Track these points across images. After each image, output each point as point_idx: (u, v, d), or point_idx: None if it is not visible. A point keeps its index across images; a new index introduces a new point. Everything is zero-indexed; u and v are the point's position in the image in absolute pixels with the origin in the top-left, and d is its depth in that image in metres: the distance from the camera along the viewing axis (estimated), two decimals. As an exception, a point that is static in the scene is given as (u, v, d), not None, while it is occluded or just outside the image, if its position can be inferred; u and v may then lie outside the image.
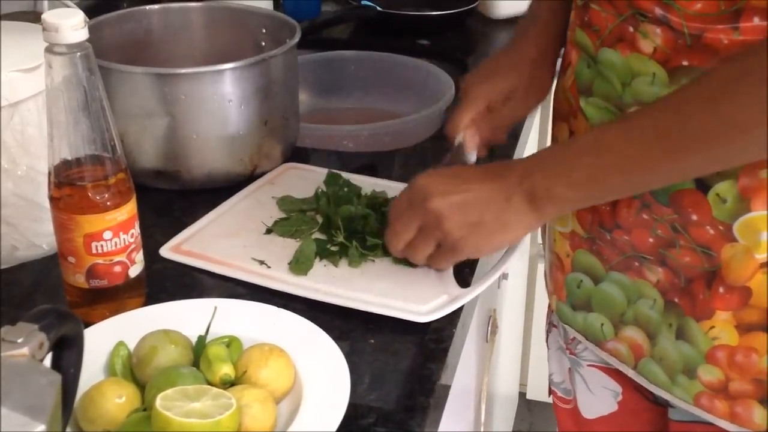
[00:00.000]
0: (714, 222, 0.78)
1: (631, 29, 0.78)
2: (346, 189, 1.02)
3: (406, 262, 0.90)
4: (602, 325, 0.90)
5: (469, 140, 0.98)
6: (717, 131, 0.70)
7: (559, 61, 0.96)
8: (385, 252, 0.91)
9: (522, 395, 2.21)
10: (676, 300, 0.83)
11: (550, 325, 1.08)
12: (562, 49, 0.95)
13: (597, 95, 0.84)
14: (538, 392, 2.16)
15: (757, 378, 0.81)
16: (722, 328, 0.80)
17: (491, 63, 1.02)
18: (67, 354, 0.59)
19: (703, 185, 0.78)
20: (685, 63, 0.75)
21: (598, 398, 1.03)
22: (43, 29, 0.75)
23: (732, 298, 0.79)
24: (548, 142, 1.00)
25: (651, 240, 0.82)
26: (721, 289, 0.79)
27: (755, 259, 0.77)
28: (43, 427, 0.48)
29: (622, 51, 0.79)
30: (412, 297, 0.86)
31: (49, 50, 0.76)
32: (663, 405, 0.94)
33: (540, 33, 1.00)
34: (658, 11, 0.75)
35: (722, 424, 0.84)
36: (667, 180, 0.78)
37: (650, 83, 0.78)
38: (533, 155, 0.83)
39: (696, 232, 0.79)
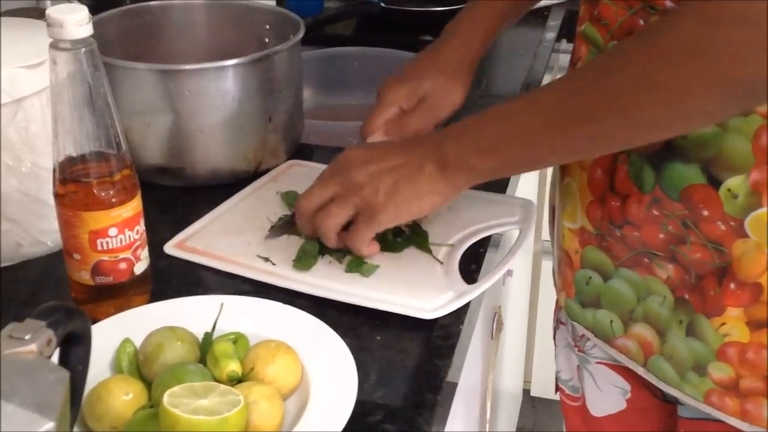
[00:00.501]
0: (725, 217, 0.77)
1: (641, 22, 0.78)
2: None
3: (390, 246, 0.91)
4: (611, 322, 0.90)
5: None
6: (600, 106, 0.71)
7: (569, 56, 0.96)
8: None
9: (526, 392, 2.21)
10: (687, 297, 0.82)
11: (558, 323, 1.08)
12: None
13: None
14: (542, 389, 2.16)
15: None
16: (733, 324, 0.80)
17: (410, 66, 1.05)
18: (74, 351, 0.58)
19: (714, 180, 0.77)
20: None
21: (606, 396, 1.02)
22: (48, 25, 0.74)
23: (743, 295, 0.79)
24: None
25: (661, 236, 0.82)
26: (732, 286, 0.79)
27: (766, 254, 0.77)
28: (51, 424, 0.48)
29: None
30: (418, 294, 0.85)
31: (54, 46, 0.75)
32: (672, 402, 0.94)
33: (462, 40, 1.03)
34: (669, 3, 0.75)
35: (733, 421, 0.84)
36: (564, 155, 0.80)
37: None
38: (452, 124, 0.85)
39: (707, 228, 0.79)
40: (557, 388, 1.12)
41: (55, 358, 0.57)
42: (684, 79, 0.66)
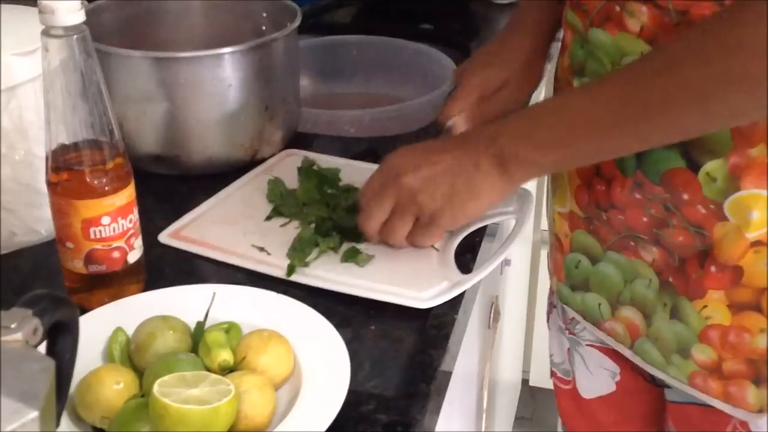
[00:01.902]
0: (705, 201, 0.78)
1: (617, 8, 0.78)
2: (322, 184, 1.00)
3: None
4: (600, 305, 0.90)
5: (459, 127, 0.98)
6: (676, 96, 0.70)
7: (556, 44, 0.96)
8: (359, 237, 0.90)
9: (525, 382, 2.21)
10: (671, 279, 0.83)
11: (551, 306, 1.09)
12: (560, 32, 0.95)
13: (589, 75, 0.84)
14: (540, 379, 2.16)
15: (750, 358, 0.81)
16: (715, 307, 0.81)
17: (486, 52, 1.03)
18: (62, 340, 0.58)
19: (694, 164, 0.78)
20: None
21: (596, 378, 1.03)
22: (40, 12, 0.74)
23: (724, 277, 0.79)
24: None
25: (645, 219, 0.82)
26: (713, 269, 0.79)
27: (746, 238, 0.77)
28: (36, 413, 0.47)
29: (611, 30, 0.79)
30: (413, 283, 0.85)
31: (46, 33, 0.75)
32: (660, 386, 0.94)
33: (534, 22, 1.01)
34: None
35: (716, 403, 0.85)
36: (634, 146, 0.78)
37: None
38: (500, 120, 0.83)
39: (688, 211, 0.79)
40: (551, 373, 1.13)
41: (42, 347, 0.56)
42: (759, 67, 0.66)
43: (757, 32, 0.65)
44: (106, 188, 0.79)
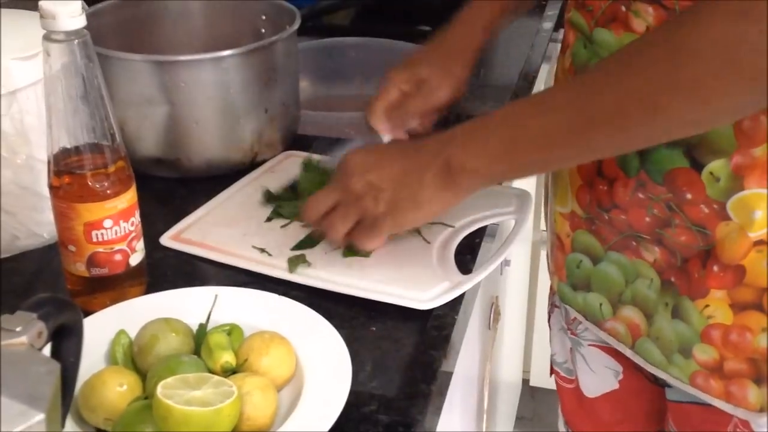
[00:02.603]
0: (708, 200, 0.78)
1: (623, 8, 0.78)
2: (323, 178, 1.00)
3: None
4: (601, 305, 0.91)
5: (380, 125, 1.00)
6: (622, 104, 0.70)
7: (553, 45, 0.96)
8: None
9: (525, 382, 2.21)
10: (673, 279, 0.83)
11: (552, 306, 1.09)
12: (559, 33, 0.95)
13: None
14: (541, 379, 2.16)
15: (752, 357, 0.81)
16: (717, 306, 0.81)
17: (413, 54, 1.05)
18: (66, 343, 0.58)
19: (697, 164, 0.78)
20: None
21: (599, 377, 1.04)
22: (41, 16, 0.74)
23: (726, 277, 0.79)
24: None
25: (647, 219, 0.82)
26: (715, 268, 0.80)
27: (749, 237, 0.78)
28: (41, 415, 0.48)
29: (616, 31, 0.79)
30: (413, 284, 0.85)
31: (47, 38, 0.75)
32: (662, 385, 0.95)
33: (464, 30, 1.03)
34: None
35: (717, 403, 0.85)
36: (582, 155, 0.78)
37: None
38: (450, 130, 0.82)
39: (691, 211, 0.79)
40: (552, 371, 1.13)
41: (46, 350, 0.57)
42: (714, 76, 0.65)
43: (700, 36, 0.64)
44: (108, 191, 0.79)
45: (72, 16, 0.74)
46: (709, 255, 0.80)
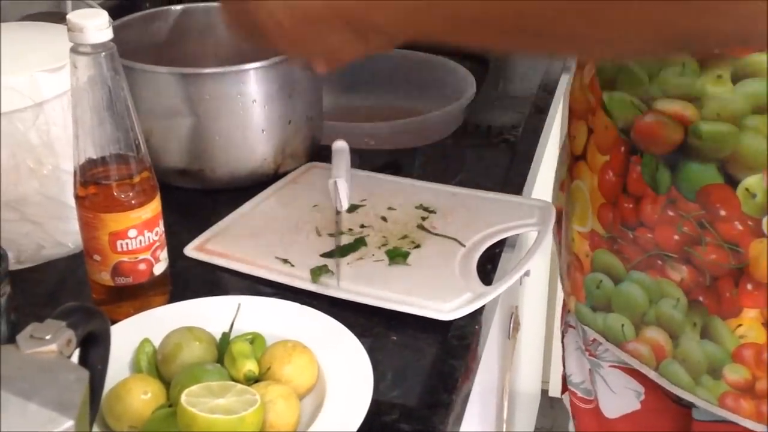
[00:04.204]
0: (743, 217, 0.77)
1: None
2: None
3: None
4: (623, 326, 0.89)
5: None
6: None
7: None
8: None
9: (544, 392, 2.21)
10: (701, 299, 0.82)
11: (566, 326, 1.07)
12: None
13: (621, 89, 0.83)
14: (560, 390, 2.16)
15: None
16: (750, 326, 0.80)
17: None
18: (94, 351, 0.59)
19: (732, 180, 0.77)
20: (716, 51, 0.74)
21: (620, 397, 1.02)
22: (68, 30, 0.75)
23: (760, 295, 0.79)
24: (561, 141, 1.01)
25: (676, 237, 0.82)
26: (749, 286, 0.79)
27: None
28: (71, 422, 0.49)
29: None
30: (435, 295, 0.86)
31: (74, 50, 0.76)
32: (687, 406, 0.93)
33: None
34: None
35: (748, 424, 0.83)
36: (500, 38, 0.65)
37: (680, 73, 0.77)
38: None
39: (724, 228, 0.79)
40: (564, 389, 1.12)
41: (75, 358, 0.58)
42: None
43: None
44: (133, 202, 0.80)
45: (99, 29, 0.75)
46: (742, 273, 0.79)
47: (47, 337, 0.53)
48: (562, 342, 1.10)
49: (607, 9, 0.55)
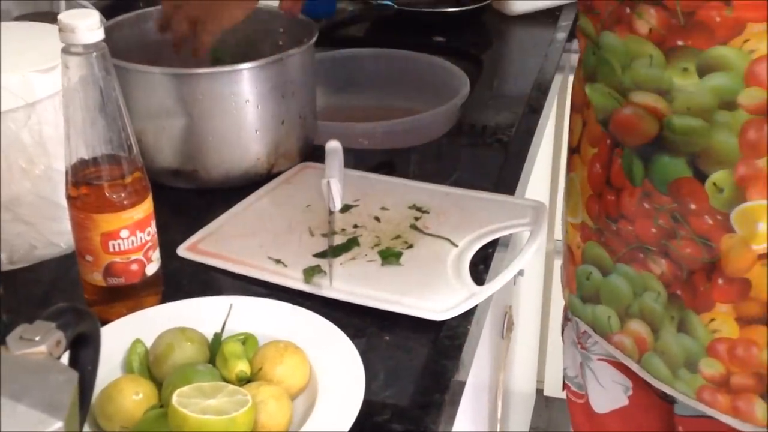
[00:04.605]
0: (712, 211, 0.78)
1: (627, 10, 0.78)
2: None
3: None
4: (609, 317, 0.91)
5: None
6: None
7: (567, 55, 0.97)
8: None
9: (539, 392, 2.21)
10: (679, 292, 0.83)
11: (565, 319, 1.09)
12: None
13: (600, 81, 0.84)
14: (555, 389, 2.16)
15: (758, 372, 0.81)
16: (722, 320, 0.81)
17: None
18: (84, 352, 0.59)
19: (701, 174, 0.78)
20: (680, 43, 0.75)
21: (608, 392, 1.03)
22: (60, 30, 0.75)
23: (731, 290, 0.79)
24: (564, 135, 1.01)
25: (653, 230, 0.83)
26: (720, 281, 0.80)
27: (753, 250, 0.78)
28: (60, 424, 0.48)
29: (621, 33, 0.79)
30: (428, 294, 0.86)
31: (66, 51, 0.76)
32: (671, 402, 0.94)
33: None
34: None
35: (724, 418, 0.85)
36: None
37: (648, 65, 0.78)
38: None
39: (695, 222, 0.80)
40: (564, 385, 1.13)
41: (64, 359, 0.58)
42: None
43: None
44: (125, 202, 0.80)
45: (90, 30, 0.75)
46: (714, 268, 0.80)
47: (37, 339, 0.53)
48: (562, 335, 1.11)
49: None
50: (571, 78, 0.98)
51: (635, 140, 0.81)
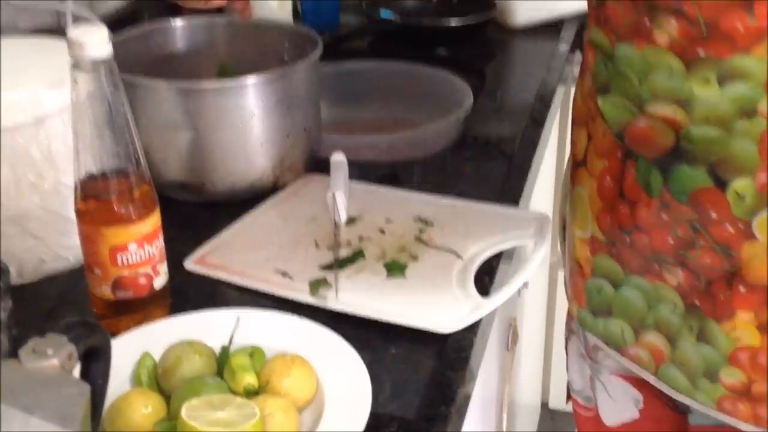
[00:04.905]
0: (733, 219, 0.78)
1: (647, 21, 0.78)
2: None
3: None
4: (623, 330, 0.90)
5: None
6: None
7: (569, 67, 0.97)
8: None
9: (544, 405, 2.21)
10: (697, 302, 0.83)
11: (570, 332, 1.08)
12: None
13: (615, 93, 0.84)
14: (560, 401, 2.16)
15: None
16: (744, 328, 0.80)
17: None
18: (95, 365, 0.60)
19: (721, 182, 0.77)
20: (701, 53, 0.74)
21: (619, 405, 1.03)
22: (69, 45, 0.76)
23: (753, 298, 0.79)
24: (567, 149, 1.01)
25: (671, 241, 0.82)
26: (741, 289, 0.79)
27: None
28: (73, 436, 0.49)
29: (638, 44, 0.79)
30: (433, 307, 0.86)
31: (75, 66, 0.77)
32: (683, 412, 0.94)
33: None
34: (673, 2, 0.75)
35: (745, 427, 0.84)
36: None
37: (668, 76, 0.77)
38: None
39: (716, 231, 0.79)
40: (568, 397, 1.13)
41: (76, 372, 0.58)
42: None
43: None
44: (133, 216, 0.81)
45: (99, 45, 0.76)
46: (735, 276, 0.79)
47: (49, 352, 0.53)
48: (566, 348, 1.11)
49: None
50: (573, 90, 0.99)
51: (652, 152, 0.81)
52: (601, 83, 0.85)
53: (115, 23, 1.29)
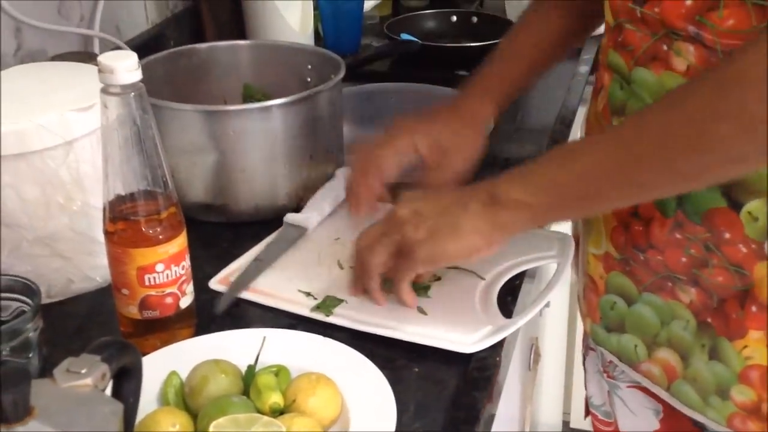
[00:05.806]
0: (747, 240, 0.79)
1: (665, 48, 0.79)
2: None
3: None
4: (636, 346, 0.91)
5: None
6: (671, 136, 0.71)
7: (590, 88, 0.97)
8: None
9: (566, 423, 2.20)
10: (709, 320, 0.84)
11: (587, 349, 1.09)
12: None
13: (630, 114, 0.85)
14: (581, 421, 2.15)
15: None
16: (755, 347, 0.81)
17: (428, 113, 1.03)
18: (126, 384, 0.61)
19: (735, 204, 0.79)
20: None
21: (640, 418, 1.03)
22: (99, 71, 0.78)
23: (765, 317, 0.80)
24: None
25: (684, 259, 0.83)
26: (753, 308, 0.80)
27: None
28: (107, 454, 0.50)
29: (656, 70, 0.80)
30: (457, 327, 0.87)
31: (105, 91, 0.78)
32: (701, 428, 0.94)
33: (482, 90, 1.04)
34: (692, 29, 0.76)
35: None
36: (630, 193, 0.78)
37: None
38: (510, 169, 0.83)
39: (729, 251, 0.80)
40: (587, 413, 1.13)
41: (108, 390, 0.59)
42: (758, 101, 0.65)
43: (746, 65, 0.66)
44: (160, 237, 0.82)
45: (129, 71, 0.77)
46: (747, 295, 0.80)
47: (83, 371, 0.54)
48: (584, 365, 1.11)
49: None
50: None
51: None
52: (616, 104, 0.86)
53: (141, 47, 1.31)
